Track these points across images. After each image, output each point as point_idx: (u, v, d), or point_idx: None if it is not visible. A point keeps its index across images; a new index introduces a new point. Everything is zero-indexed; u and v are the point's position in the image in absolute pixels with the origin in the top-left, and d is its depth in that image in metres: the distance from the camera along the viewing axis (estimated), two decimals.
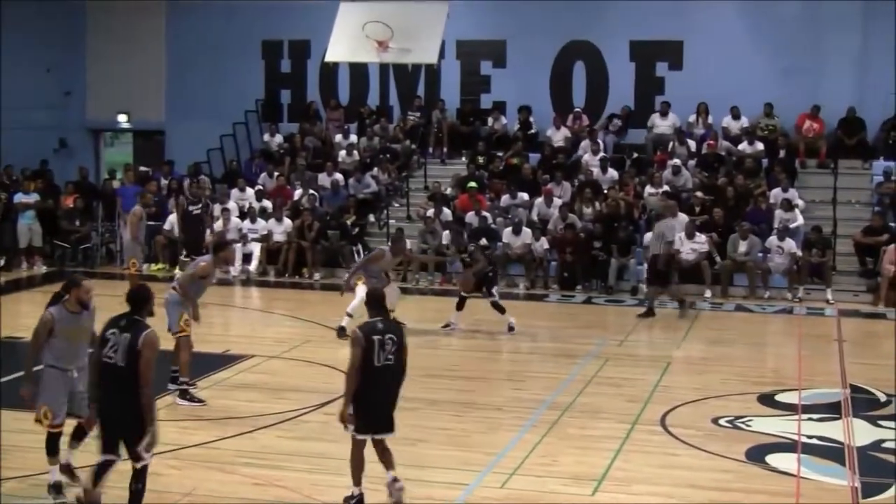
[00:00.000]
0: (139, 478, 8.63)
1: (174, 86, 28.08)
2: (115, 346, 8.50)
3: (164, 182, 24.39)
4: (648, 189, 22.38)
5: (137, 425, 8.49)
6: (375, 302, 9.42)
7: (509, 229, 21.52)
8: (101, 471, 8.68)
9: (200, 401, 12.60)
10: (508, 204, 22.78)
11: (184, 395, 12.54)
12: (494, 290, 17.01)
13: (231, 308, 19.55)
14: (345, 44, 22.35)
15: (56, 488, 9.57)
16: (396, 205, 24.35)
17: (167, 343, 12.08)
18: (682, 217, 20.92)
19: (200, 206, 21.17)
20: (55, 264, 22.93)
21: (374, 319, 9.22)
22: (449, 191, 23.78)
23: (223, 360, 14.80)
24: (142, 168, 25.70)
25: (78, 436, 9.76)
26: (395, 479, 9.24)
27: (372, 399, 9.11)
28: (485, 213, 22.11)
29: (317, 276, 21.97)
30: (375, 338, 9.04)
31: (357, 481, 9.28)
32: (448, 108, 26.16)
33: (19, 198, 22.83)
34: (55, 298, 9.53)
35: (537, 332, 17.81)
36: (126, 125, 29.04)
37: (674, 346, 16.40)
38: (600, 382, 13.93)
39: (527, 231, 21.39)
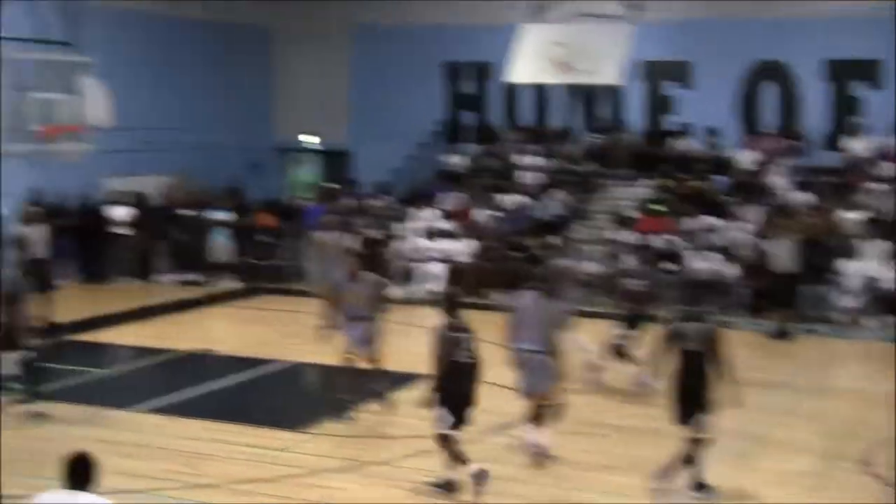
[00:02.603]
0: None
1: (359, 107, 28.55)
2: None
3: (349, 202, 24.78)
4: (844, 213, 21.58)
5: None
6: (452, 304, 10.66)
7: (695, 253, 21.07)
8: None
9: None
10: (694, 227, 22.31)
11: None
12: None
13: (412, 327, 19.66)
14: (527, 65, 22.36)
15: None
16: (578, 227, 24.15)
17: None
18: (882, 242, 20.12)
19: (383, 229, 21.32)
20: (247, 280, 23.51)
21: (452, 320, 10.39)
22: (633, 213, 23.47)
23: (403, 379, 14.89)
24: (329, 185, 26.15)
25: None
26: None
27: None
28: (670, 237, 21.72)
29: (497, 297, 21.94)
30: (458, 335, 10.31)
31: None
32: (632, 129, 25.87)
33: (214, 215, 23.54)
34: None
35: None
36: (313, 146, 29.69)
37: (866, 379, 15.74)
38: (797, 414, 13.46)
39: (714, 256, 20.91)
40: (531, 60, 22.30)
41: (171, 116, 25.27)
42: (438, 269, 22.32)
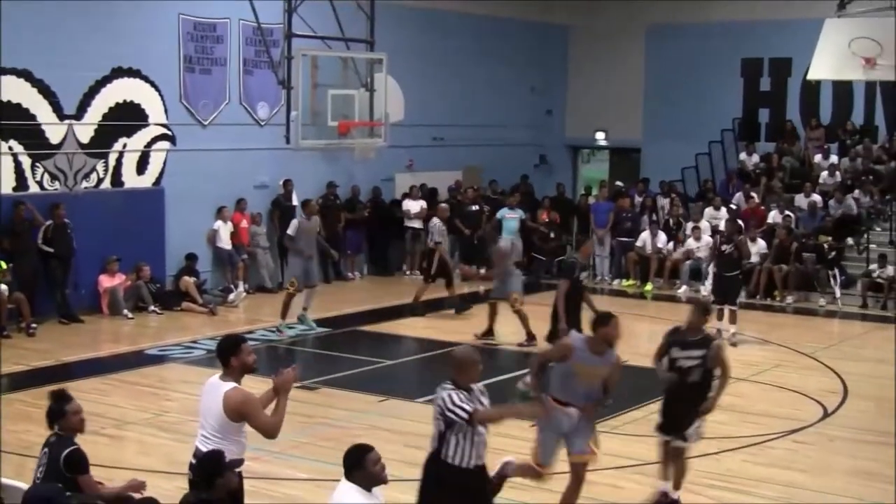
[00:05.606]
0: None
1: (651, 105, 28.27)
2: None
3: (637, 199, 24.59)
4: None
5: None
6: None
7: None
8: None
9: None
10: None
11: None
12: None
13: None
14: (829, 61, 21.42)
15: None
16: (878, 229, 23.02)
17: None
18: None
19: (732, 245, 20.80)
20: (531, 276, 23.63)
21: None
22: None
23: None
24: (617, 183, 26.05)
25: None
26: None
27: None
28: None
29: (789, 299, 21.25)
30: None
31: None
32: None
33: (503, 213, 23.75)
34: None
35: None
36: (603, 143, 29.60)
37: None
38: None
39: None
40: (834, 56, 21.33)
41: (463, 113, 25.84)
42: None
